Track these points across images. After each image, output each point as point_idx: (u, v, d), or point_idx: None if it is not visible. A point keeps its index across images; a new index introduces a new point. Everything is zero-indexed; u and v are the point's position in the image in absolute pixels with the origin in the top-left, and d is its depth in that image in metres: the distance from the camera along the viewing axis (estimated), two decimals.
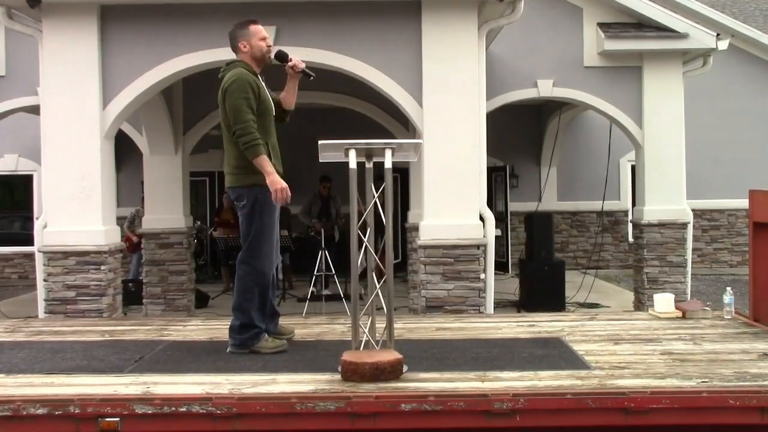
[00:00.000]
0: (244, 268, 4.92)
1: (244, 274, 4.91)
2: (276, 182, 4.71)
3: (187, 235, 9.67)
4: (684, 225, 9.21)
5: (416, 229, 7.42)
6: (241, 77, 4.80)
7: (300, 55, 6.92)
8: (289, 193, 4.75)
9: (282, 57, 5.06)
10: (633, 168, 12.71)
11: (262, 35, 5.01)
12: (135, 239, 11.29)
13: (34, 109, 9.28)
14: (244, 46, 4.97)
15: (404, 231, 11.30)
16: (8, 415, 3.77)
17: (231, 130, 4.78)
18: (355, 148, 4.36)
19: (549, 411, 3.81)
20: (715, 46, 9.01)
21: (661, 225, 9.18)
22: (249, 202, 4.87)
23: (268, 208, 4.90)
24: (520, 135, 14.93)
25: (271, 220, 4.96)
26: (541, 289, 9.90)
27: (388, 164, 4.38)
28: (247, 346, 4.86)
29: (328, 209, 11.53)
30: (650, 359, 4.57)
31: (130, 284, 10.38)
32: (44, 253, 6.82)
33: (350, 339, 4.43)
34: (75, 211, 6.78)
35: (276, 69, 5.13)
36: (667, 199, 9.19)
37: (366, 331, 4.37)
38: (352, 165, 4.33)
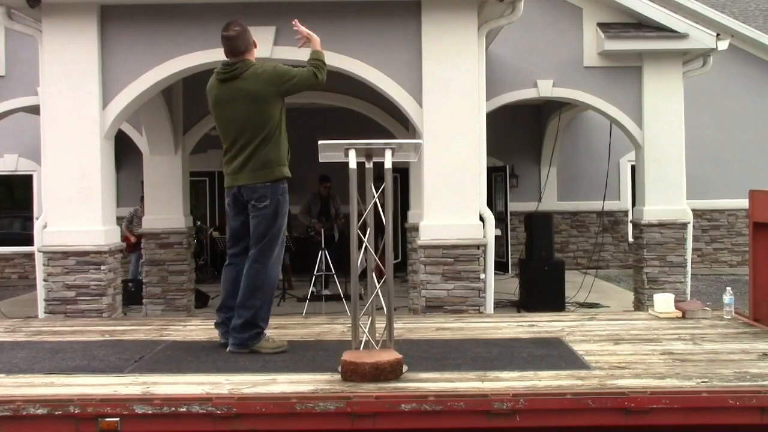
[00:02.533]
0: (257, 267, 4.91)
1: (256, 273, 4.91)
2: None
3: (187, 235, 9.67)
4: (684, 225, 9.21)
5: (416, 229, 7.41)
6: (278, 65, 4.98)
7: (300, 55, 6.97)
8: None
9: None
10: (633, 168, 12.72)
11: None
12: (133, 239, 11.28)
13: (34, 109, 9.27)
14: (255, 45, 5.09)
15: (404, 231, 11.31)
16: (8, 415, 3.77)
17: (316, 86, 4.99)
18: (355, 148, 4.36)
19: (549, 411, 3.81)
20: (715, 46, 9.01)
21: (661, 225, 9.18)
22: (272, 203, 4.88)
23: (286, 209, 5.01)
24: (520, 135, 14.94)
25: (285, 222, 5.05)
26: (541, 289, 9.91)
27: (387, 164, 4.38)
28: (247, 345, 4.86)
29: (328, 209, 11.53)
30: (650, 359, 4.57)
31: (130, 284, 10.38)
32: (44, 253, 6.82)
33: (350, 339, 4.44)
34: (75, 211, 6.78)
35: None
36: (667, 199, 9.18)
37: (366, 331, 4.37)
38: (352, 165, 4.33)
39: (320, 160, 4.54)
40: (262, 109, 4.83)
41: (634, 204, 10.31)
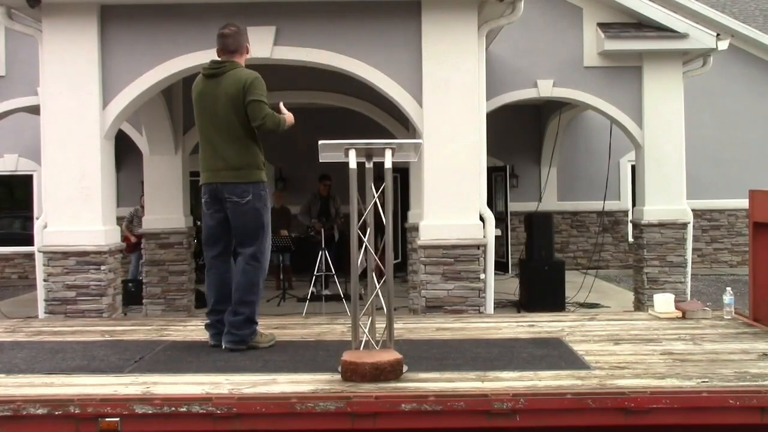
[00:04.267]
0: (252, 263, 4.96)
1: (252, 269, 4.96)
2: (290, 117, 4.96)
3: (187, 235, 9.66)
4: (684, 225, 9.21)
5: (416, 229, 7.41)
6: (260, 78, 4.91)
7: (300, 56, 6.99)
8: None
9: None
10: (633, 168, 12.72)
11: None
12: (133, 239, 11.27)
13: (34, 109, 9.28)
14: (248, 50, 5.11)
15: (404, 231, 11.31)
16: (8, 415, 3.77)
17: (253, 121, 4.82)
18: (355, 148, 4.36)
19: (549, 411, 3.81)
20: (715, 46, 9.01)
21: (661, 225, 9.18)
22: (254, 198, 4.93)
23: (269, 204, 5.08)
24: (520, 135, 14.94)
25: (269, 217, 5.11)
26: (541, 289, 9.91)
27: (388, 164, 4.38)
28: (245, 341, 4.92)
29: (328, 209, 11.53)
30: (650, 359, 4.57)
31: (130, 284, 10.37)
32: (44, 253, 6.82)
33: (350, 339, 4.44)
34: (75, 211, 6.78)
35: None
36: (667, 199, 9.19)
37: (366, 331, 4.37)
38: (352, 165, 4.33)
39: (320, 160, 4.54)
40: (239, 110, 4.86)
41: (634, 204, 10.31)
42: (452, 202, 6.82)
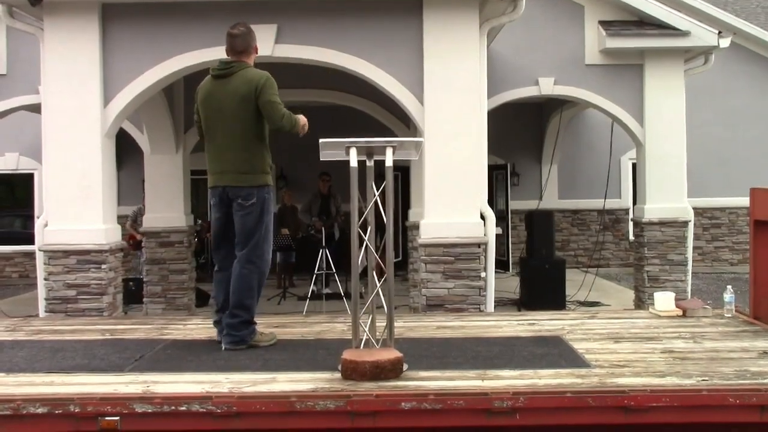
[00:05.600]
0: (249, 266, 4.96)
1: (248, 273, 4.96)
2: (303, 119, 5.01)
3: (187, 233, 9.67)
4: (685, 223, 9.21)
5: (417, 227, 7.41)
6: (271, 78, 4.90)
7: (302, 54, 6.99)
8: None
9: None
10: (634, 166, 12.71)
11: None
12: (139, 237, 11.27)
13: (35, 108, 9.27)
14: (256, 51, 5.09)
15: (405, 229, 11.30)
16: (8, 414, 3.77)
17: (272, 124, 4.87)
18: (356, 147, 4.36)
19: (549, 409, 3.81)
20: (716, 44, 9.00)
21: (662, 223, 9.18)
22: (258, 201, 4.95)
23: (272, 208, 5.07)
24: (521, 133, 14.94)
25: (271, 220, 5.09)
26: (541, 288, 9.90)
27: (388, 162, 4.37)
28: (245, 341, 4.93)
29: (328, 208, 11.53)
30: (650, 357, 4.56)
31: (131, 283, 10.38)
32: (45, 251, 6.82)
33: (350, 337, 4.44)
34: (76, 210, 6.78)
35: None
36: (668, 197, 9.18)
37: (366, 329, 4.37)
38: (353, 163, 4.33)
39: (321, 159, 4.54)
40: (249, 111, 4.86)
41: (635, 202, 10.31)
42: (453, 201, 6.81)
